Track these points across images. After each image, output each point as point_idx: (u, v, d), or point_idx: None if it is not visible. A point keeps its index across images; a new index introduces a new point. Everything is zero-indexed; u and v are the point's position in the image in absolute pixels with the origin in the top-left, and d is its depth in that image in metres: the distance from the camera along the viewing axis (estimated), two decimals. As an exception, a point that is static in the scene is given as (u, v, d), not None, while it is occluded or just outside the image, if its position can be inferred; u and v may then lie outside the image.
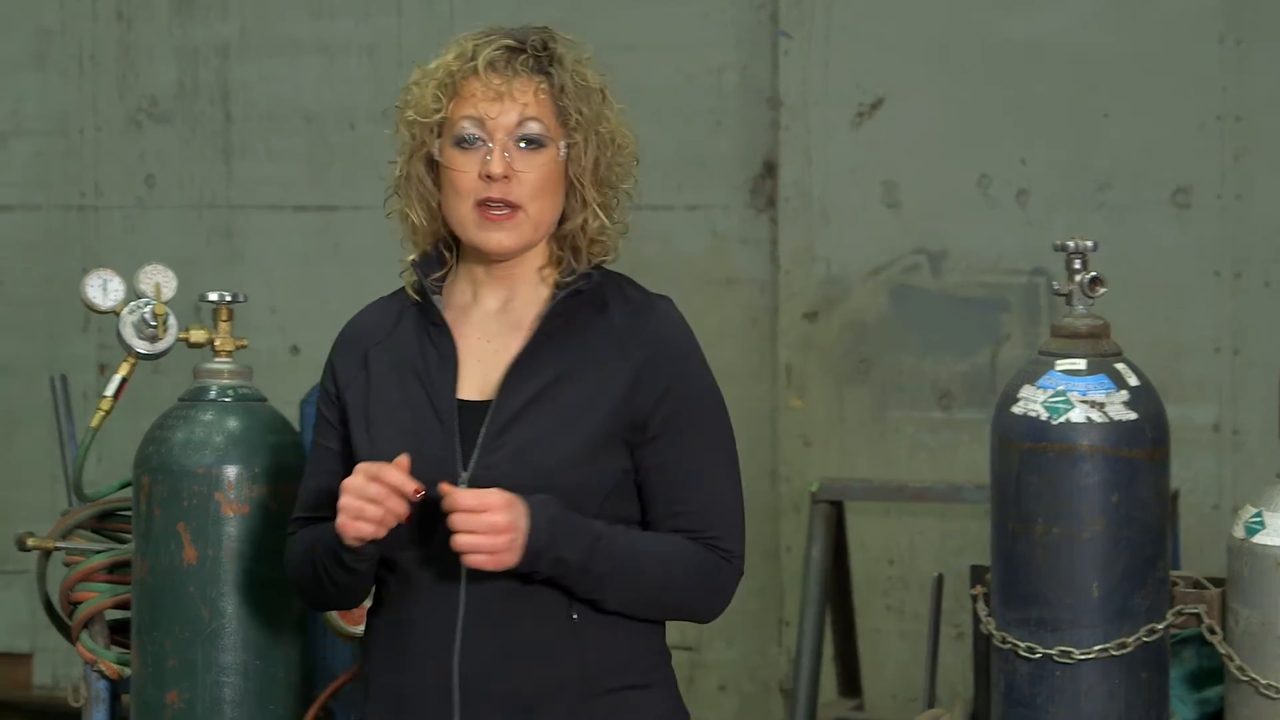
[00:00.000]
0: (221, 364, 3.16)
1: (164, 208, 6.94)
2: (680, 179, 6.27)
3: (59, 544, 3.30)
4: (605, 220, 2.79)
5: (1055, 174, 5.90)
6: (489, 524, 2.58)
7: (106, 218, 7.02)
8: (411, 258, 2.82)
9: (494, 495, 2.60)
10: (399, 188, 2.83)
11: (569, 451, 2.70)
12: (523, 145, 2.73)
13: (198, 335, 3.19)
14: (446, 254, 2.81)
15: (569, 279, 2.77)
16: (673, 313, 2.82)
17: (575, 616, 2.68)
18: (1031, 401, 3.08)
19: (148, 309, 3.17)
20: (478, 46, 2.75)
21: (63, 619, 3.29)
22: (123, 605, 3.21)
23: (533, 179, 2.73)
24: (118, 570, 3.23)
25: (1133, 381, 3.09)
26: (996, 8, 5.93)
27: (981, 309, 6.01)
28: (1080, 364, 3.09)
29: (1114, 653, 3.05)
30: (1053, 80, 5.88)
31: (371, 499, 2.59)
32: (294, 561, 2.77)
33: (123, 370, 3.23)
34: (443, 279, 2.81)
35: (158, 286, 3.18)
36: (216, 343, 3.18)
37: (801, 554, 5.48)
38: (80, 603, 3.23)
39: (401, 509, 2.60)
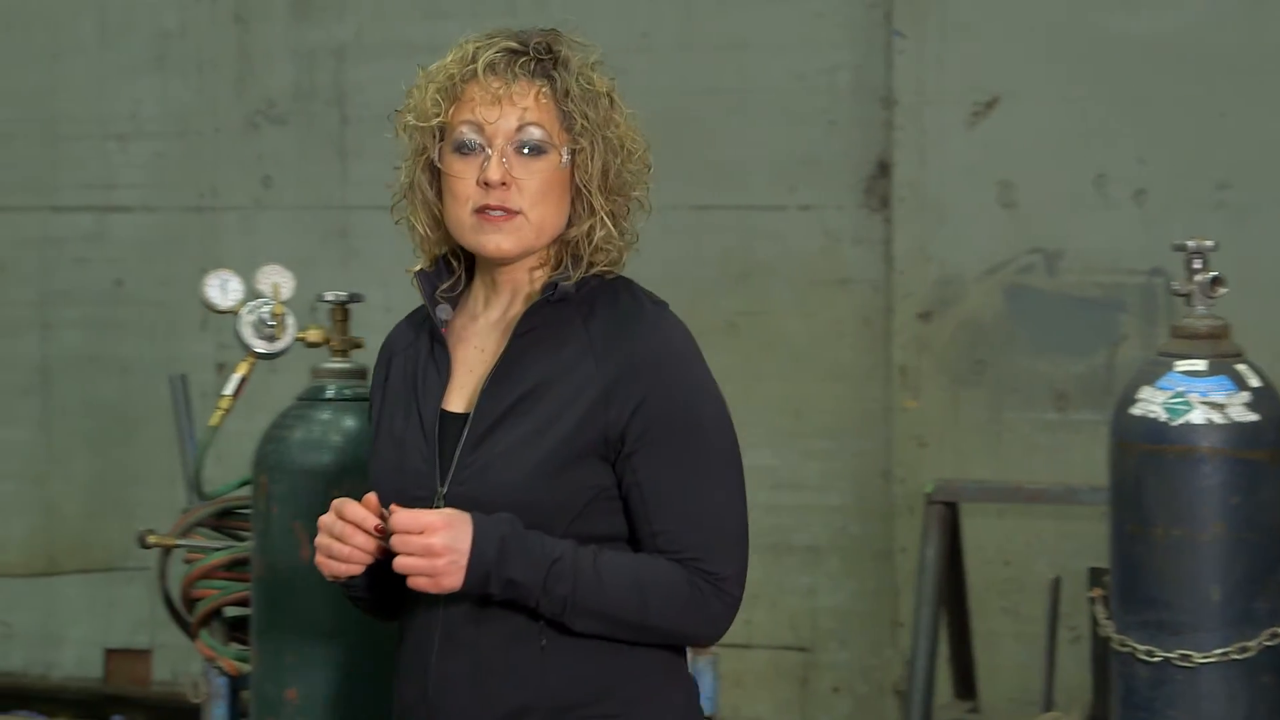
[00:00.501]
0: (339, 363, 3.18)
1: (280, 208, 6.99)
2: (793, 179, 6.25)
3: (179, 541, 3.33)
4: (612, 229, 2.71)
5: (1173, 173, 5.84)
6: (424, 546, 2.53)
7: (224, 219, 7.08)
8: (418, 268, 2.78)
9: (432, 516, 2.55)
10: (405, 195, 2.79)
11: (532, 467, 2.61)
12: (523, 151, 2.66)
13: (315, 335, 3.21)
14: (454, 263, 2.76)
15: (554, 287, 2.68)
16: (662, 321, 2.72)
17: (544, 641, 2.61)
18: (1150, 403, 3.05)
19: (266, 309, 3.20)
20: (478, 49, 2.71)
21: (183, 616, 3.31)
22: (241, 602, 3.24)
23: (532, 185, 2.66)
24: (237, 567, 3.26)
25: (1254, 383, 3.06)
26: (1113, 5, 5.88)
27: (1098, 309, 5.96)
28: (1200, 365, 3.06)
29: (1235, 657, 3.02)
30: (1170, 78, 5.82)
31: (337, 536, 2.58)
32: None
33: (241, 369, 3.25)
34: (452, 288, 2.75)
35: (276, 287, 3.20)
36: (333, 342, 3.20)
37: (915, 555, 5.46)
38: (200, 599, 3.26)
39: (368, 545, 2.57)
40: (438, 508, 2.60)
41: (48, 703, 7.40)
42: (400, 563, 2.53)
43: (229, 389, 3.25)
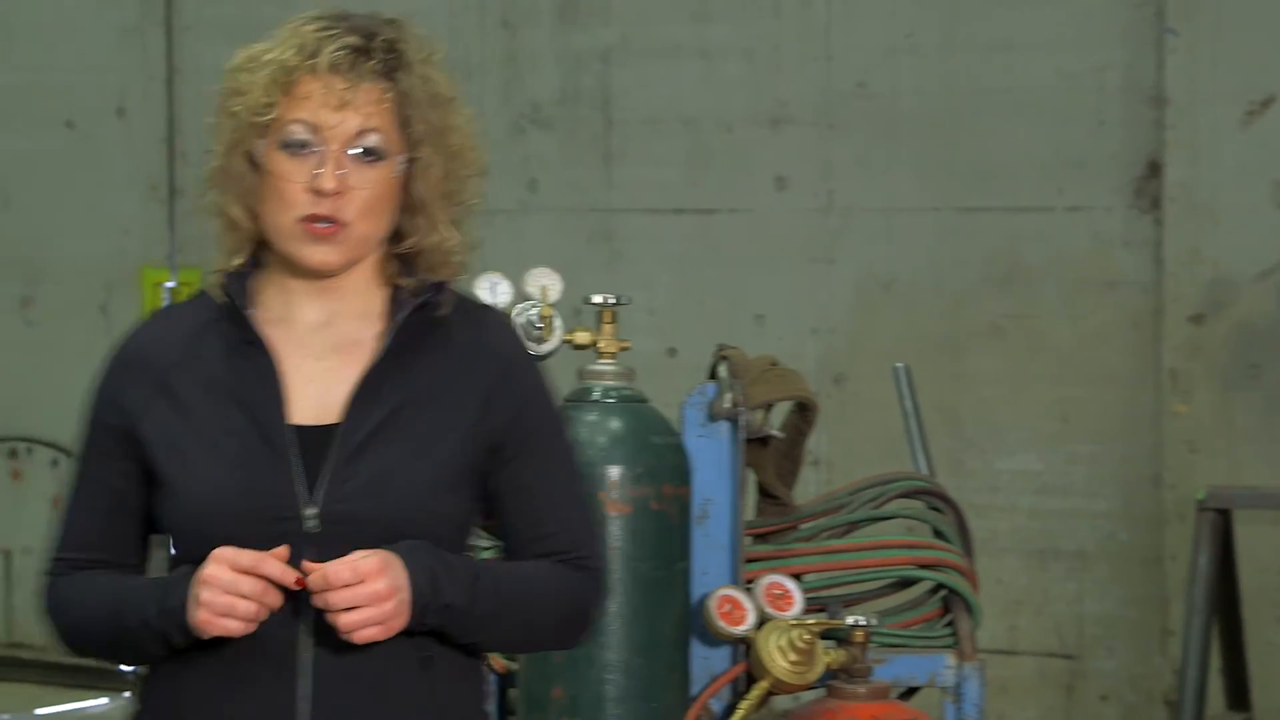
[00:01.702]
0: (605, 365, 3.19)
1: (545, 211, 7.05)
2: (1060, 180, 6.16)
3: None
4: (455, 237, 2.56)
5: None
6: (372, 594, 2.38)
7: (490, 221, 7.15)
8: (236, 265, 2.54)
9: (368, 562, 2.38)
10: (215, 180, 2.52)
11: (429, 481, 2.49)
12: (363, 157, 2.48)
13: (582, 337, 3.23)
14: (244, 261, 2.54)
15: (414, 296, 2.54)
16: (505, 323, 2.69)
17: (431, 654, 2.49)
18: None
19: (534, 311, 3.22)
20: (320, 41, 2.46)
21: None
22: (509, 601, 3.26)
23: (365, 195, 2.48)
24: (504, 567, 3.28)
25: None
26: (1396, -1, 5.72)
27: (1377, 313, 5.80)
28: None
29: None
30: None
31: (244, 595, 2.38)
32: (78, 614, 2.55)
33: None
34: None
35: (544, 289, 3.22)
36: (600, 344, 3.21)
37: (1185, 563, 5.35)
38: (469, 598, 3.28)
39: (277, 602, 2.40)
40: (307, 530, 2.45)
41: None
42: (350, 618, 2.38)
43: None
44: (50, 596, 2.60)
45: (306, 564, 2.39)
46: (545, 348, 3.23)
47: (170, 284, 7.64)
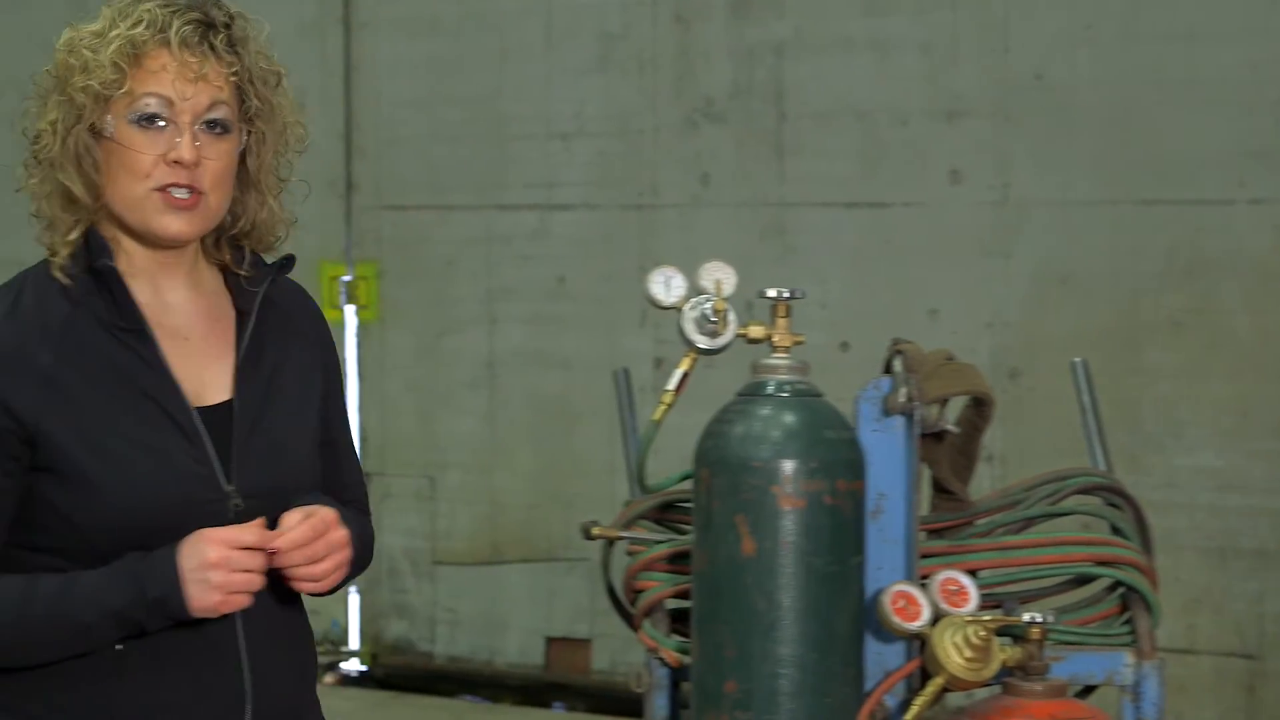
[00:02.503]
0: (779, 359, 3.18)
1: (718, 205, 7.06)
2: (1242, 172, 6.07)
3: (622, 534, 3.37)
4: (281, 212, 2.66)
5: None
6: (340, 540, 2.57)
7: (663, 216, 7.18)
8: (70, 244, 2.55)
9: (325, 513, 2.54)
10: (53, 158, 2.53)
11: (308, 444, 2.64)
12: (212, 131, 2.55)
13: (756, 331, 3.22)
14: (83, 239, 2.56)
15: (258, 269, 2.66)
16: (304, 289, 2.79)
17: (303, 600, 2.67)
18: None
19: (708, 305, 3.21)
20: (167, 17, 2.51)
21: (626, 607, 3.36)
22: (683, 595, 3.27)
23: (217, 167, 2.55)
24: (678, 560, 3.29)
25: None
26: None
27: None
28: None
29: None
30: None
31: (245, 569, 2.48)
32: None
33: (684, 365, 3.28)
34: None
35: (718, 283, 3.22)
36: (774, 338, 3.20)
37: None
38: (642, 591, 3.30)
39: (265, 566, 2.51)
40: (234, 509, 2.53)
41: (492, 688, 7.60)
42: (323, 567, 2.54)
43: (672, 384, 3.28)
44: None
45: (268, 531, 2.51)
46: (719, 342, 3.22)
47: (347, 278, 7.73)
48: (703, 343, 3.23)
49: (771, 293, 3.20)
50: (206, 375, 2.60)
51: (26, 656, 2.51)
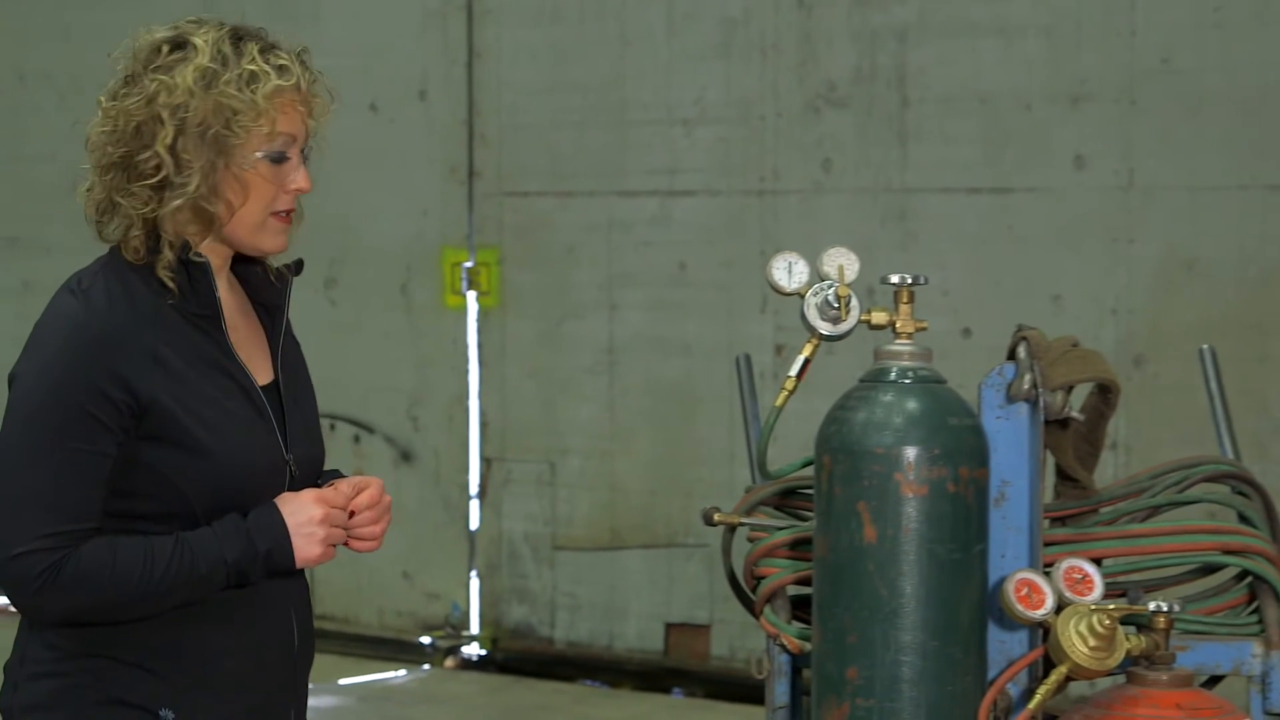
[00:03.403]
0: (902, 345, 3.17)
1: (839, 191, 7.03)
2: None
3: (743, 520, 3.37)
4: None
5: None
6: (389, 505, 2.96)
7: (784, 202, 7.17)
8: (194, 250, 2.85)
9: (378, 480, 2.95)
10: (204, 185, 2.82)
11: (320, 423, 3.03)
12: (305, 160, 2.93)
13: (879, 317, 3.20)
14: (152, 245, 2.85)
15: (277, 268, 3.00)
16: None
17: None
18: None
19: (831, 291, 3.20)
20: (285, 67, 2.86)
21: (746, 593, 3.36)
22: (804, 581, 3.26)
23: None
24: (799, 547, 3.28)
25: None
26: None
27: None
28: None
29: None
30: None
31: (341, 526, 2.90)
32: (106, 577, 2.76)
33: (806, 351, 3.27)
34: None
35: (841, 269, 3.21)
36: (897, 324, 3.19)
37: None
38: (763, 578, 3.30)
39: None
40: (292, 475, 2.90)
41: (611, 673, 7.62)
42: (380, 528, 2.93)
43: (794, 370, 3.27)
44: (67, 569, 2.76)
45: (343, 490, 2.90)
46: (842, 327, 3.21)
47: (469, 264, 7.77)
48: (825, 329, 3.22)
49: (894, 279, 3.18)
50: (254, 359, 2.93)
51: (148, 608, 2.80)
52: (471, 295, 7.80)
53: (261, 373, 2.93)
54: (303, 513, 2.85)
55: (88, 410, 2.75)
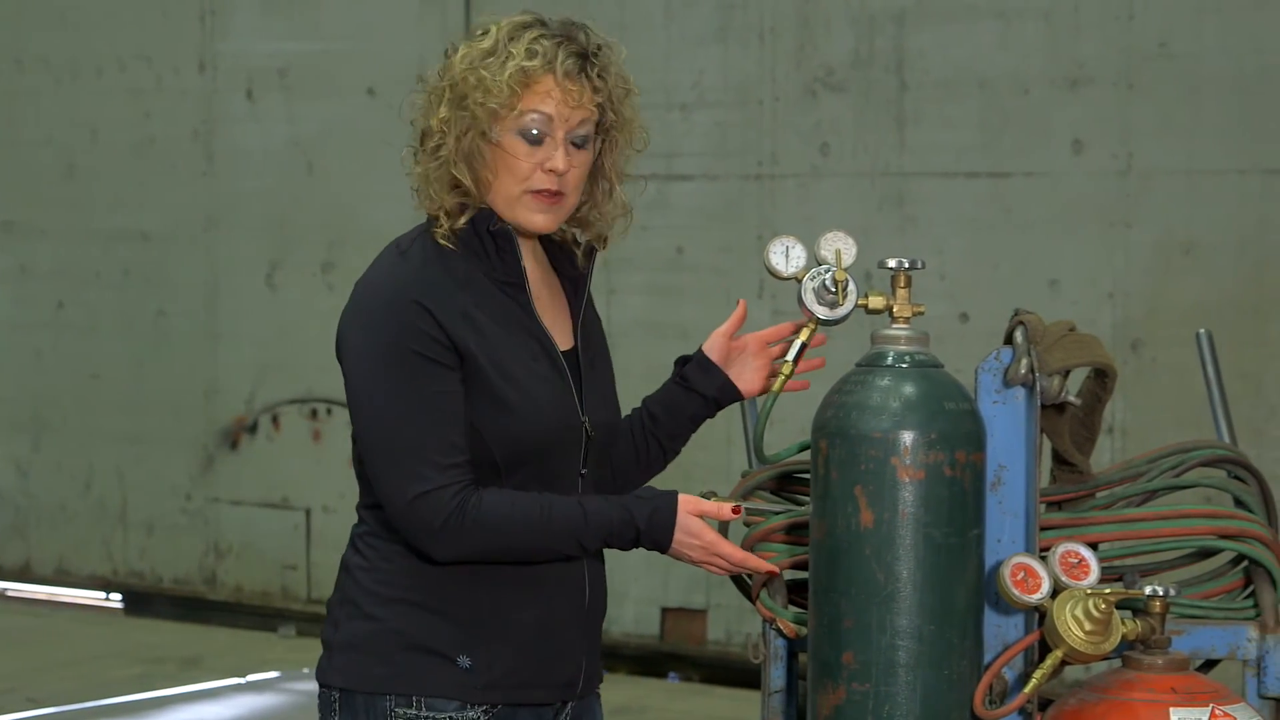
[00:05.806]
0: (899, 330, 3.17)
1: (837, 175, 7.03)
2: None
3: (739, 504, 3.37)
4: (622, 199, 3.18)
5: None
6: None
7: (782, 186, 7.17)
8: (463, 223, 3.05)
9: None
10: (454, 153, 3.04)
11: (615, 393, 3.20)
12: (574, 144, 3.05)
13: (876, 301, 3.20)
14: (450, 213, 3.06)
15: (589, 248, 3.19)
16: None
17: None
18: None
19: (828, 275, 3.20)
20: (553, 49, 3.03)
21: (743, 578, 3.36)
22: (800, 566, 3.27)
23: (578, 174, 3.08)
24: (796, 531, 3.29)
25: None
26: None
27: None
28: None
29: None
30: None
31: (704, 562, 3.18)
32: (505, 515, 3.01)
33: (803, 335, 3.27)
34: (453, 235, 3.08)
35: (838, 253, 3.21)
36: (894, 309, 3.19)
37: None
38: (760, 562, 3.30)
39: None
40: (588, 434, 3.10)
41: (607, 657, 7.60)
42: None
43: (790, 354, 3.28)
44: (470, 514, 3.00)
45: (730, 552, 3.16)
46: (839, 312, 3.21)
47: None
48: (822, 313, 3.22)
49: (891, 263, 3.18)
50: (556, 327, 3.12)
51: (530, 556, 3.06)
52: (469, 279, 7.79)
53: (562, 339, 3.12)
54: (691, 531, 3.12)
55: (427, 356, 2.99)
